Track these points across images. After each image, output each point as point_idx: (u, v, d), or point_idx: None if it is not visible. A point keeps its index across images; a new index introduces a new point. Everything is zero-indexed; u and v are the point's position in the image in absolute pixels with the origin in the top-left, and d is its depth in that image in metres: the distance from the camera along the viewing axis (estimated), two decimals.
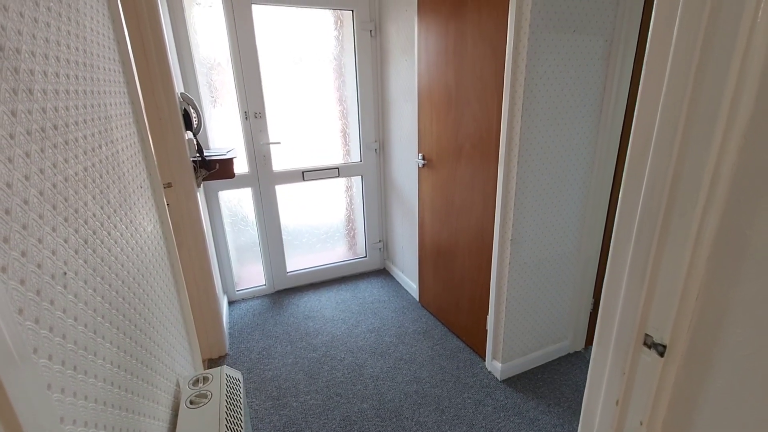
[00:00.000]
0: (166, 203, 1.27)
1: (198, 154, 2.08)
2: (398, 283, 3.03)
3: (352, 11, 2.60)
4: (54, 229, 0.57)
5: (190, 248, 2.01)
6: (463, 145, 2.01)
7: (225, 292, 2.77)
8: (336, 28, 2.66)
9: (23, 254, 0.48)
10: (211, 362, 2.21)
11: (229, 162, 2.17)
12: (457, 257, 2.23)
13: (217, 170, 2.15)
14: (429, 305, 2.62)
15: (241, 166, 2.60)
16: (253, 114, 2.51)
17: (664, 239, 0.67)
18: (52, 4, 0.67)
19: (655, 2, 0.64)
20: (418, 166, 2.43)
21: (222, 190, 2.59)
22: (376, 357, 2.19)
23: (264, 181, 2.67)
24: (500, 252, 1.87)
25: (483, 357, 2.14)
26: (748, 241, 0.59)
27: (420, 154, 2.39)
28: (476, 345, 2.19)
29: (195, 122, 2.02)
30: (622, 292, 0.75)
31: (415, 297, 2.80)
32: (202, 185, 2.35)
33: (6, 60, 0.51)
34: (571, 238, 1.96)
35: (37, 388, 0.46)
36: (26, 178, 0.52)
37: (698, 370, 0.66)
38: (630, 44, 1.73)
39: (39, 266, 0.52)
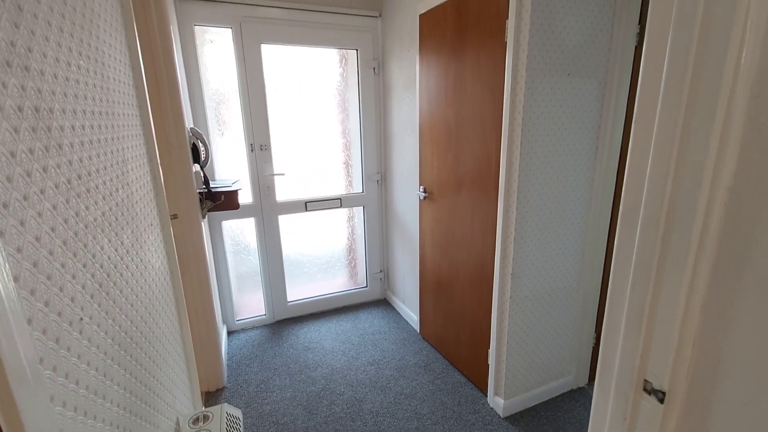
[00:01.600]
0: (173, 237, 1.30)
1: (204, 186, 2.12)
2: (399, 313, 3.02)
3: (357, 50, 2.72)
4: (74, 276, 0.60)
5: (193, 279, 2.02)
6: (463, 179, 2.06)
7: (225, 322, 2.75)
8: (341, 66, 2.77)
9: (47, 304, 0.51)
10: (209, 395, 2.17)
11: (234, 194, 2.21)
12: (458, 289, 2.23)
13: (223, 202, 2.19)
14: (430, 337, 2.60)
15: (245, 197, 2.64)
16: (258, 146, 2.58)
17: (658, 288, 0.70)
18: (81, 62, 0.73)
19: (641, 64, 0.69)
20: (420, 198, 2.48)
21: (226, 219, 2.63)
22: (377, 391, 2.16)
23: (267, 211, 2.71)
24: (501, 285, 1.88)
25: (485, 392, 2.11)
26: (738, 291, 0.61)
27: (421, 187, 2.44)
28: (478, 379, 2.16)
29: (203, 156, 2.07)
30: (620, 339, 0.77)
31: (415, 328, 2.78)
32: (206, 215, 2.38)
33: (41, 120, 0.56)
34: (571, 272, 1.97)
35: None
36: (52, 230, 0.55)
37: (698, 418, 0.67)
38: (623, 86, 1.80)
39: (59, 314, 0.54)
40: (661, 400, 0.71)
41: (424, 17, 2.18)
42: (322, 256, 3.05)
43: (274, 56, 2.54)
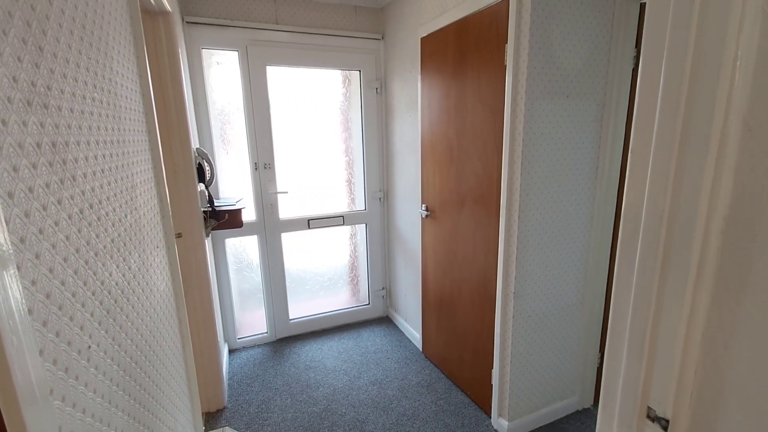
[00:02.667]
0: (177, 258, 1.31)
1: (209, 205, 2.15)
2: (401, 331, 3.00)
3: (360, 71, 2.78)
4: (83, 305, 0.61)
5: (195, 298, 2.03)
6: (465, 198, 2.08)
7: (226, 340, 2.74)
8: (344, 86, 2.82)
9: (57, 334, 0.52)
10: (209, 416, 2.15)
11: (238, 212, 2.24)
12: (460, 308, 2.23)
13: (227, 220, 2.21)
14: (432, 356, 2.57)
15: (248, 215, 2.67)
16: (263, 165, 2.62)
17: (658, 315, 0.70)
18: (96, 94, 0.76)
19: (637, 90, 0.71)
20: (422, 217, 2.49)
21: (229, 237, 2.64)
22: (379, 412, 2.13)
23: (270, 228, 2.73)
24: (503, 305, 1.88)
25: (489, 413, 2.08)
26: (738, 319, 0.62)
27: (423, 205, 2.46)
28: (481, 400, 2.13)
29: (208, 175, 2.10)
30: (622, 365, 0.77)
31: (418, 347, 2.76)
32: (210, 234, 2.40)
33: (57, 154, 0.58)
34: (574, 291, 1.97)
35: None
36: (65, 260, 0.57)
37: None
38: (621, 107, 1.83)
39: (69, 344, 0.55)
40: (665, 428, 0.71)
41: (426, 40, 2.23)
42: (324, 274, 3.05)
43: (279, 77, 2.60)
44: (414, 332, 2.82)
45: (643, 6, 1.76)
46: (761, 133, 0.58)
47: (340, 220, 2.93)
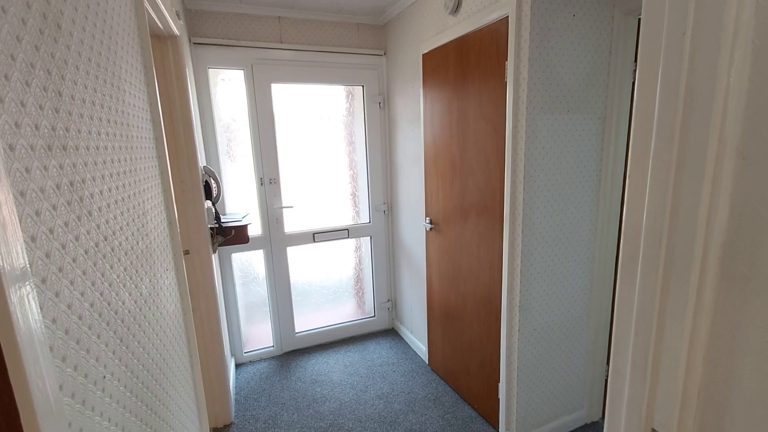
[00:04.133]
0: (186, 278, 1.34)
1: (216, 221, 2.18)
2: (407, 344, 3.00)
3: (363, 86, 2.82)
4: (99, 336, 0.63)
5: (203, 314, 2.05)
6: (468, 211, 2.09)
7: (233, 354, 2.75)
8: (347, 101, 2.87)
9: (75, 368, 0.54)
10: None
11: (244, 228, 2.27)
12: (466, 321, 2.23)
13: (233, 236, 2.24)
14: (439, 369, 2.57)
15: (254, 229, 2.70)
16: (268, 180, 2.65)
17: (660, 337, 0.71)
18: (110, 128, 0.79)
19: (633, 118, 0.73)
20: (426, 230, 2.51)
21: (235, 252, 2.67)
22: (386, 427, 2.12)
23: (276, 243, 2.75)
24: (509, 318, 1.88)
25: (496, 428, 2.07)
26: (738, 343, 0.63)
27: (427, 218, 2.47)
28: (489, 414, 2.12)
29: (215, 192, 2.14)
30: (626, 386, 0.78)
31: (424, 359, 2.76)
32: (217, 250, 2.43)
33: (75, 192, 0.60)
34: (580, 303, 1.97)
35: None
36: (82, 294, 0.59)
37: None
38: (622, 121, 1.85)
39: (86, 376, 0.57)
40: None
41: (427, 56, 2.27)
42: (329, 286, 3.07)
43: (283, 93, 2.65)
44: (420, 344, 2.82)
45: (641, 21, 1.78)
46: (755, 162, 0.60)
47: (345, 233, 2.95)
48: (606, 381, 2.10)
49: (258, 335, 2.90)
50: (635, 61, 1.82)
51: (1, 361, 0.34)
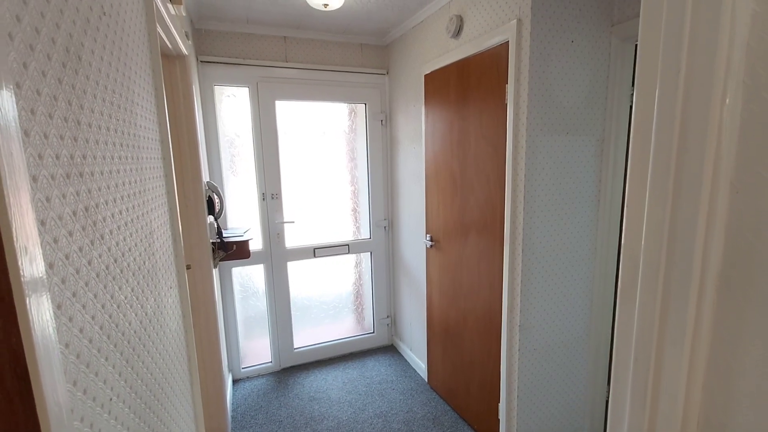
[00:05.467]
0: (189, 296, 1.34)
1: (217, 236, 2.19)
2: (406, 361, 2.98)
3: (365, 104, 2.87)
4: (107, 359, 0.64)
5: (202, 330, 2.04)
6: (469, 229, 2.11)
7: (230, 370, 2.73)
8: (350, 118, 2.91)
9: (85, 392, 0.55)
10: None
11: (245, 243, 2.28)
12: (466, 339, 2.22)
13: (234, 251, 2.25)
14: (438, 387, 2.55)
15: (255, 244, 2.71)
16: (270, 195, 2.68)
17: (660, 365, 0.72)
18: (123, 152, 0.81)
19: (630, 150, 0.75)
20: (426, 246, 2.52)
21: (236, 266, 2.68)
22: None
23: (276, 258, 2.76)
24: (509, 338, 1.88)
25: None
26: (735, 372, 0.64)
27: (428, 235, 2.49)
28: None
29: (217, 207, 2.16)
30: (626, 414, 0.78)
31: (423, 377, 2.73)
32: (218, 265, 2.44)
33: (89, 217, 0.62)
34: (580, 323, 1.97)
35: None
36: (93, 318, 0.60)
37: None
38: (620, 143, 1.88)
39: (94, 399, 0.58)
40: None
41: (429, 77, 2.32)
42: (329, 302, 3.06)
43: (287, 109, 2.69)
44: (419, 362, 2.80)
45: (637, 58, 1.83)
46: (747, 195, 0.62)
47: (346, 248, 2.96)
48: (607, 402, 2.09)
49: (256, 351, 2.88)
50: (632, 85, 1.86)
51: (28, 394, 0.35)
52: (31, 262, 0.39)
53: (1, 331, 0.32)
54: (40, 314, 0.40)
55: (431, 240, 2.46)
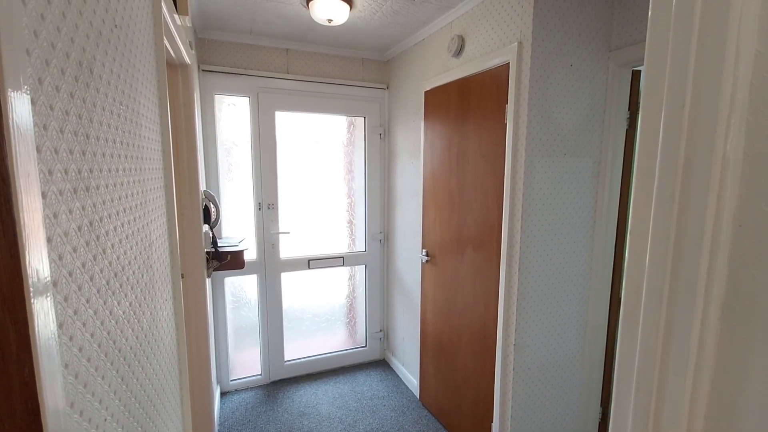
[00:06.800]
0: (183, 308, 1.32)
1: (212, 246, 2.17)
2: (398, 376, 2.94)
3: (365, 117, 2.89)
4: (103, 377, 0.62)
5: (192, 341, 2.00)
6: (465, 246, 2.11)
7: (218, 382, 2.67)
8: (348, 131, 2.93)
9: (81, 414, 0.53)
10: None
11: (240, 253, 2.25)
12: (460, 357, 2.21)
13: (229, 261, 2.22)
14: (430, 404, 2.52)
15: (249, 254, 2.68)
16: (266, 205, 2.66)
17: (662, 394, 0.72)
18: (127, 164, 0.80)
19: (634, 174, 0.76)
20: (422, 261, 2.52)
21: (228, 276, 2.64)
22: None
23: (270, 268, 2.73)
24: (503, 356, 1.87)
25: None
26: (738, 403, 0.64)
27: (424, 250, 2.49)
28: None
29: (213, 217, 2.14)
30: None
31: (415, 394, 2.70)
32: (211, 274, 2.40)
33: (93, 232, 0.61)
34: (574, 343, 1.97)
35: None
36: (92, 336, 0.59)
37: None
38: (616, 165, 1.91)
39: (89, 421, 0.56)
40: None
41: (429, 93, 2.35)
42: (322, 314, 3.03)
43: (286, 120, 2.70)
44: (411, 378, 2.77)
45: (634, 72, 1.88)
46: (750, 229, 0.63)
47: (341, 260, 2.95)
48: (599, 424, 2.08)
49: (246, 362, 2.83)
50: (628, 109, 1.90)
51: (37, 426, 0.34)
52: (42, 288, 0.38)
53: (15, 363, 0.31)
54: (47, 339, 0.39)
55: (427, 255, 2.46)
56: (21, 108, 0.39)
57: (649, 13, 0.61)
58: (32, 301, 0.35)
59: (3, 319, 0.30)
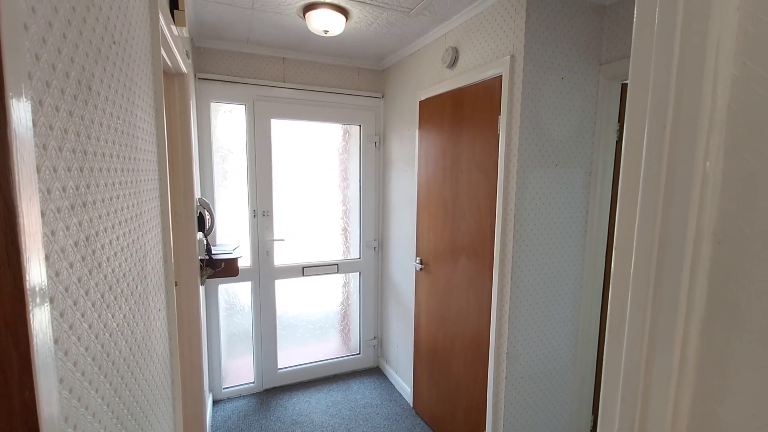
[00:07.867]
0: (176, 318, 1.32)
1: (206, 253, 2.17)
2: (392, 384, 2.94)
3: (360, 126, 2.92)
4: (97, 390, 0.63)
5: (185, 349, 2.00)
6: (459, 254, 2.13)
7: (211, 390, 2.66)
8: (344, 139, 2.95)
9: (75, 428, 0.54)
10: None
11: (234, 261, 2.25)
12: (453, 364, 2.22)
13: (223, 268, 2.22)
14: (423, 412, 2.52)
15: (244, 261, 2.68)
16: (261, 212, 2.67)
17: (646, 405, 0.74)
18: (124, 177, 0.81)
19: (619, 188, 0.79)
20: (416, 269, 2.53)
21: (222, 283, 2.64)
22: None
23: (264, 275, 2.73)
24: (496, 364, 1.89)
25: None
26: (720, 415, 0.66)
27: (418, 258, 2.50)
28: None
29: (208, 224, 2.14)
30: None
31: (408, 401, 2.70)
32: (205, 282, 2.40)
33: (89, 246, 0.62)
34: (566, 352, 1.99)
35: None
36: (86, 349, 0.59)
37: None
38: (607, 175, 1.95)
39: None
40: None
41: (424, 103, 2.38)
42: (315, 321, 3.03)
43: (281, 127, 2.71)
44: (405, 386, 2.77)
45: (624, 85, 1.92)
46: (728, 246, 0.65)
47: (335, 268, 2.95)
48: (591, 430, 2.09)
49: (239, 370, 2.82)
50: (618, 121, 1.94)
51: None
52: (40, 308, 0.39)
53: (17, 386, 0.32)
54: (45, 356, 0.40)
55: (421, 263, 2.47)
56: (24, 134, 0.40)
57: (632, 40, 0.64)
58: (32, 323, 0.36)
59: (6, 345, 0.31)
